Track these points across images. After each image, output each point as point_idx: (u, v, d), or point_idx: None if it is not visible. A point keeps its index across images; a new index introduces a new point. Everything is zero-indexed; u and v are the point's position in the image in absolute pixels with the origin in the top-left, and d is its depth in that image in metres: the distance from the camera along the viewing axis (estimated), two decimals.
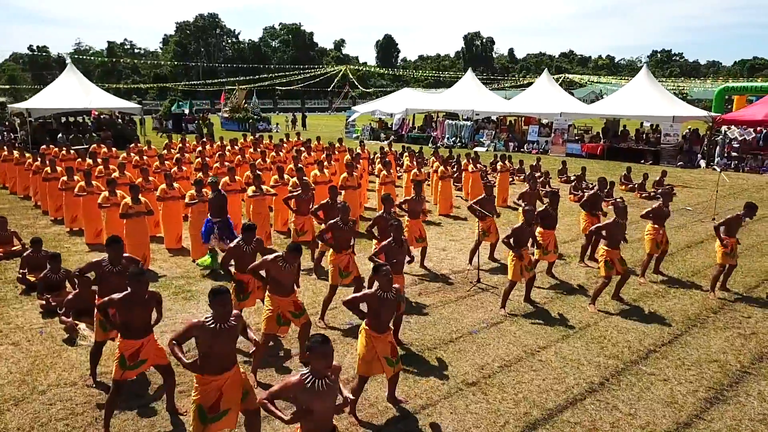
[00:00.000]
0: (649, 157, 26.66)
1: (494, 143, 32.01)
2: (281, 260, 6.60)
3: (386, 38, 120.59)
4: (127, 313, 5.52)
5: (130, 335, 5.57)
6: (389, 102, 38.68)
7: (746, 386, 6.61)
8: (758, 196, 18.94)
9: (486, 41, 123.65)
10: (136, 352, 5.58)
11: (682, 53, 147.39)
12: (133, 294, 5.47)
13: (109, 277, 6.36)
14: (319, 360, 3.98)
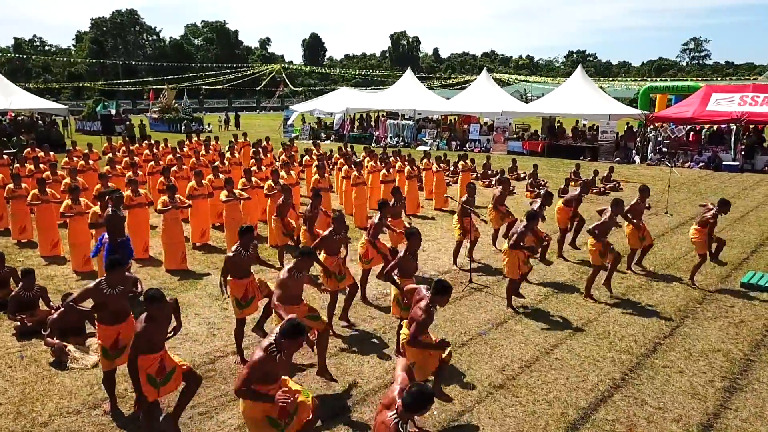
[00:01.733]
0: (587, 153, 27.69)
1: (437, 142, 32.31)
2: (295, 271, 6.31)
3: (313, 37, 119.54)
4: (154, 334, 5.11)
5: (149, 351, 5.18)
6: (328, 101, 38.27)
7: (755, 374, 6.90)
8: (696, 189, 20.06)
9: (412, 41, 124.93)
10: (160, 366, 5.18)
11: (595, 54, 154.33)
12: (154, 317, 5.13)
13: (108, 300, 5.83)
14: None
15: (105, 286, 5.79)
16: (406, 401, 3.73)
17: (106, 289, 5.79)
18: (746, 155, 24.34)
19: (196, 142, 22.03)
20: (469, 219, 10.80)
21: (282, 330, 4.56)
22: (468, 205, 10.55)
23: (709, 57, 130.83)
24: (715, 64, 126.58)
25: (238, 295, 7.02)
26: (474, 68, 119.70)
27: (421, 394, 3.74)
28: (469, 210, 10.46)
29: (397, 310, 7.21)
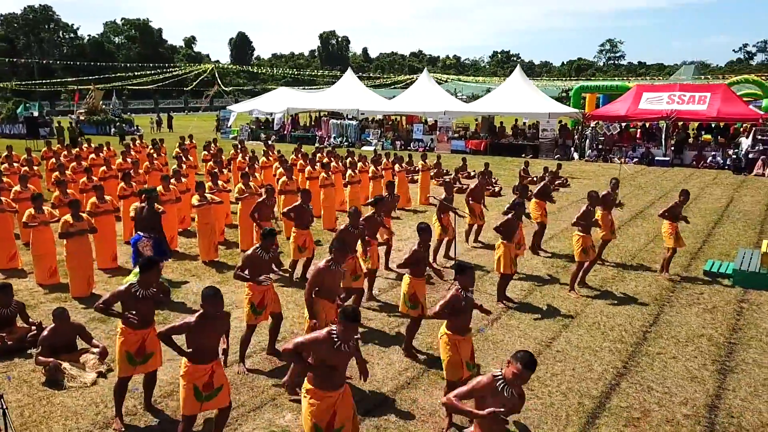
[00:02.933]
0: (528, 151, 28.59)
1: (381, 142, 32.46)
2: (332, 263, 6.23)
3: (240, 35, 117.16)
4: (200, 337, 4.94)
5: (200, 360, 4.99)
6: (268, 101, 37.68)
7: (740, 355, 7.39)
8: (636, 183, 21.15)
9: (341, 40, 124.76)
10: (209, 379, 4.99)
11: (518, 54, 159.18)
12: (208, 315, 4.96)
13: (138, 303, 5.61)
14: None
15: (137, 287, 5.55)
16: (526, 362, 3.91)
17: (138, 290, 5.55)
18: (676, 150, 25.86)
19: (140, 145, 21.24)
20: (447, 216, 10.99)
21: (339, 314, 4.54)
22: (447, 202, 10.72)
23: (623, 57, 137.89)
24: (629, 64, 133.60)
25: (255, 300, 6.86)
26: (403, 68, 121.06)
27: (527, 355, 3.97)
28: (448, 207, 10.64)
29: (405, 307, 7.27)
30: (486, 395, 4.03)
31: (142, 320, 5.69)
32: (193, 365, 5.01)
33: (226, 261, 11.37)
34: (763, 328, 8.23)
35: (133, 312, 5.56)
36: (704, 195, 18.64)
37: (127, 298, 5.59)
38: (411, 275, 7.22)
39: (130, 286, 5.63)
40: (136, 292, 5.60)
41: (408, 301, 7.16)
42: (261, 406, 6.17)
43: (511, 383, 3.98)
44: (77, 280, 9.30)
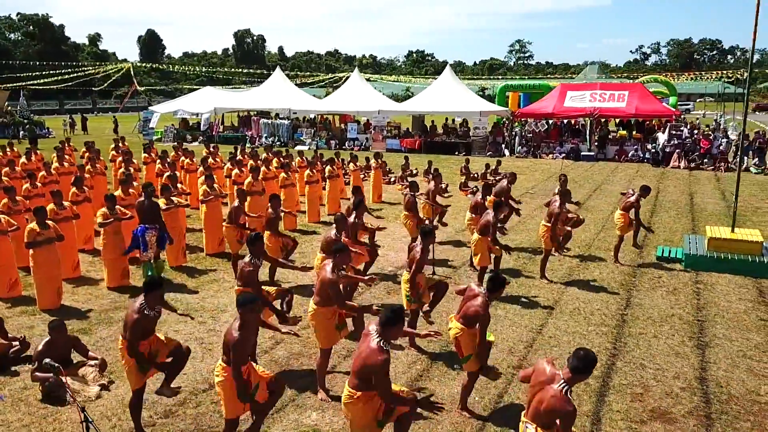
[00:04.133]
0: (461, 148, 29.41)
1: (315, 141, 32.32)
2: (335, 269, 6.28)
3: (149, 33, 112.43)
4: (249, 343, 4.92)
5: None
6: (193, 101, 36.55)
7: (711, 331, 8.08)
8: (570, 177, 22.24)
9: (257, 39, 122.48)
10: (247, 378, 4.96)
11: (433, 54, 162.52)
12: (248, 323, 4.91)
13: (145, 321, 5.45)
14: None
15: (147, 309, 5.38)
16: (577, 366, 4.07)
17: (148, 311, 5.38)
18: (599, 146, 27.44)
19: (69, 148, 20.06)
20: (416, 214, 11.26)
21: (380, 319, 4.59)
22: (417, 199, 11.01)
23: (532, 57, 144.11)
24: (537, 64, 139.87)
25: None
26: (320, 66, 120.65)
27: (588, 356, 4.17)
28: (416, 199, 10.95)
29: (407, 304, 7.42)
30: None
31: (146, 333, 5.54)
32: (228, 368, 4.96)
33: (195, 265, 11.07)
34: (722, 306, 9.02)
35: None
36: (634, 187, 19.92)
37: (145, 323, 5.44)
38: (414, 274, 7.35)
39: (140, 306, 5.43)
40: (147, 314, 5.44)
41: (410, 300, 7.29)
42: (283, 408, 6.14)
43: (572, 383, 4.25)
44: (46, 291, 8.78)
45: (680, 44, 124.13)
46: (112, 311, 8.79)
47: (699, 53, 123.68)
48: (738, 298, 9.32)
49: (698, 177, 22.22)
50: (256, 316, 5.07)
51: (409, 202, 11.37)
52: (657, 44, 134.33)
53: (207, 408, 6.18)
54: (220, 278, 10.37)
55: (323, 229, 13.88)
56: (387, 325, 4.56)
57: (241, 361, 4.80)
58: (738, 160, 13.65)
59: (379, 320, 4.61)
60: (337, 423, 5.91)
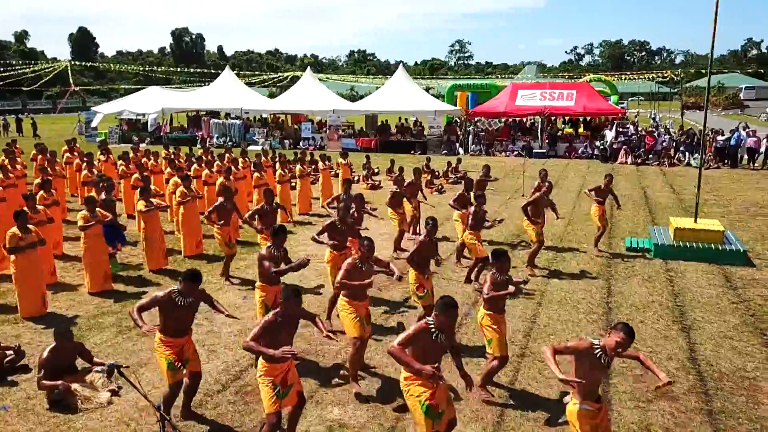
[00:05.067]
0: (417, 147, 29.74)
1: (269, 141, 31.97)
2: (359, 261, 6.36)
3: (81, 31, 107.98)
4: (277, 336, 4.93)
5: (275, 359, 4.95)
6: (139, 101, 35.43)
7: (691, 315, 8.59)
8: (528, 174, 22.88)
9: (196, 38, 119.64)
10: (284, 376, 4.99)
11: (374, 53, 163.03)
12: (286, 315, 4.99)
13: (177, 311, 5.47)
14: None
15: (177, 295, 5.34)
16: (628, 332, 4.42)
17: (178, 298, 5.34)
18: (550, 143, 28.34)
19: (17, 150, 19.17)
20: (402, 208, 11.43)
21: (436, 306, 4.72)
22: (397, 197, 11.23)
23: (472, 58, 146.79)
24: (477, 64, 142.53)
25: (268, 302, 6.76)
26: (261, 66, 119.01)
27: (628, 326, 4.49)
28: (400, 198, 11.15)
29: (415, 298, 7.57)
30: (583, 357, 4.52)
31: (179, 328, 5.53)
32: (270, 364, 4.98)
33: (176, 268, 10.85)
34: (696, 291, 9.59)
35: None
36: (588, 183, 20.67)
37: (166, 305, 5.41)
38: (415, 269, 7.48)
39: (170, 292, 5.43)
40: (176, 299, 5.42)
41: (417, 293, 7.44)
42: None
43: (612, 352, 4.47)
44: (29, 298, 8.43)
45: (612, 45, 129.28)
46: (101, 316, 8.54)
47: (629, 54, 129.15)
48: (708, 284, 9.93)
49: (645, 172, 23.32)
50: (298, 309, 5.09)
51: (394, 197, 11.52)
52: (590, 45, 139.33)
53: (226, 408, 6.13)
54: (205, 280, 10.18)
55: (298, 228, 13.85)
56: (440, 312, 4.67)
57: (261, 342, 4.85)
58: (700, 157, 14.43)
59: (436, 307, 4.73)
60: (361, 416, 5.99)
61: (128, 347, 7.56)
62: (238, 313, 8.41)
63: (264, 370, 4.99)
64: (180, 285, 5.49)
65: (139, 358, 7.24)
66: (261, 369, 5.02)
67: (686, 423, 5.87)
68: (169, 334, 5.53)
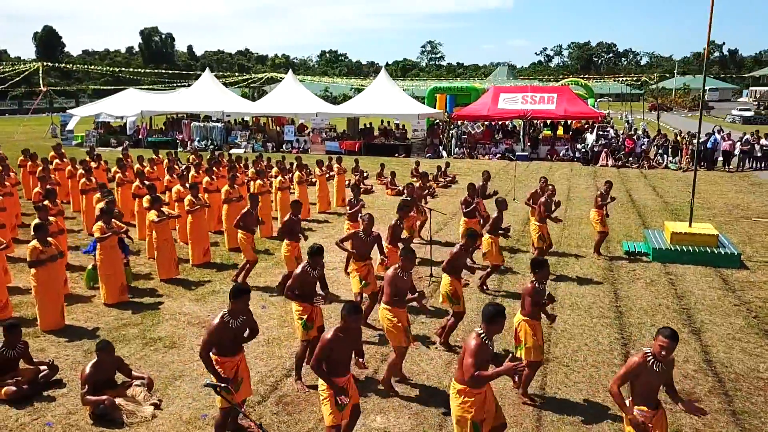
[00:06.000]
0: (401, 150, 29.97)
1: (251, 144, 31.83)
2: (400, 270, 6.53)
3: (47, 30, 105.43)
4: (340, 351, 5.11)
5: (338, 373, 5.13)
6: (116, 104, 34.89)
7: (698, 317, 8.97)
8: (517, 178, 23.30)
9: (166, 37, 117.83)
10: (345, 390, 5.12)
11: (346, 54, 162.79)
12: (348, 330, 5.15)
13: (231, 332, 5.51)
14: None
15: (229, 317, 5.40)
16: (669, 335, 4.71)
17: (230, 321, 5.40)
18: (532, 146, 28.86)
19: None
20: (411, 217, 11.62)
21: (484, 316, 4.89)
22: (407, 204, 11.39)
23: (443, 58, 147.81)
24: (448, 64, 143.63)
25: (305, 316, 6.86)
26: (232, 66, 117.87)
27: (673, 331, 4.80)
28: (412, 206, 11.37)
29: (448, 303, 7.77)
30: (640, 372, 4.77)
31: (234, 347, 5.58)
32: (336, 378, 5.12)
33: (187, 277, 10.85)
34: (698, 294, 9.99)
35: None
36: (574, 186, 21.23)
37: (224, 332, 5.43)
38: (450, 275, 7.70)
39: (221, 318, 5.45)
40: (228, 323, 5.46)
41: (452, 299, 7.66)
42: None
43: (660, 356, 4.74)
44: (49, 311, 8.38)
45: (580, 47, 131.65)
46: (122, 328, 8.52)
47: (597, 56, 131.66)
48: (708, 287, 10.35)
49: (627, 174, 23.95)
50: (358, 325, 5.23)
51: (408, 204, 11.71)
52: (559, 47, 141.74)
53: (270, 419, 6.24)
54: (219, 289, 10.24)
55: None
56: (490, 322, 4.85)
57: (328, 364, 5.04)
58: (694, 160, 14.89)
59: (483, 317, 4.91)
60: (404, 423, 6.17)
61: (158, 359, 7.59)
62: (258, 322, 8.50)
63: (325, 386, 5.12)
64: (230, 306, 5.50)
65: (171, 371, 7.28)
66: (322, 385, 5.15)
67: (713, 424, 6.20)
68: (226, 353, 5.51)
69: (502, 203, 10.15)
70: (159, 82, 77.96)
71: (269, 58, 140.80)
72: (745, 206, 17.38)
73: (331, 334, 5.10)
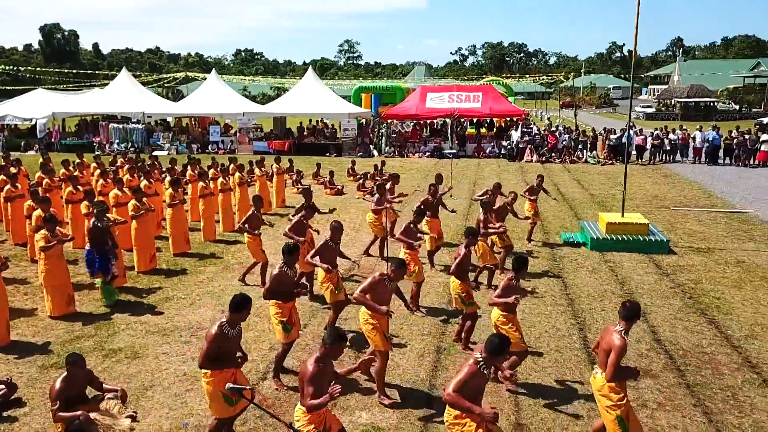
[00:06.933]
0: (332, 150, 29.94)
1: (175, 146, 30.78)
2: (386, 279, 6.57)
3: None
4: (323, 382, 4.77)
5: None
6: (24, 105, 32.75)
7: (641, 301, 9.53)
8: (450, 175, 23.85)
9: (69, 34, 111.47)
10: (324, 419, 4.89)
11: (262, 52, 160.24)
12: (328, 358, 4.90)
13: (228, 342, 5.46)
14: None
15: (227, 327, 5.30)
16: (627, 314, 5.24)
17: (228, 330, 5.31)
18: (460, 144, 29.62)
19: None
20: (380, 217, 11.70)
21: (488, 346, 4.74)
22: (379, 204, 11.49)
23: (361, 57, 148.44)
24: (366, 64, 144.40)
25: (284, 318, 6.81)
26: (142, 65, 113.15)
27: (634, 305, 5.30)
28: (386, 207, 11.43)
29: (462, 305, 7.86)
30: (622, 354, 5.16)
31: (230, 357, 5.50)
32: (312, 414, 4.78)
33: (134, 285, 10.45)
34: (637, 279, 10.70)
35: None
36: (504, 182, 21.89)
37: (223, 341, 5.34)
38: (458, 278, 7.81)
39: (220, 327, 5.36)
40: (227, 333, 5.38)
41: (465, 300, 7.77)
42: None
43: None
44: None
45: (493, 47, 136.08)
46: (76, 341, 8.13)
47: (509, 55, 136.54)
48: (644, 272, 11.10)
49: (551, 169, 25.06)
50: (341, 353, 4.96)
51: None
52: (473, 46, 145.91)
53: (255, 423, 6.18)
54: (172, 296, 9.94)
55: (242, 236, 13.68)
56: (494, 353, 4.74)
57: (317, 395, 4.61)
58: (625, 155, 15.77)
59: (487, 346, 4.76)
60: (390, 418, 6.27)
61: (123, 371, 7.30)
62: None
63: (307, 419, 4.78)
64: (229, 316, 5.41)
65: (140, 382, 7.03)
66: (303, 418, 4.79)
67: (673, 397, 6.70)
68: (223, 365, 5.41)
69: (486, 204, 10.44)
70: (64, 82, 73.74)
71: (182, 56, 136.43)
72: (663, 196, 18.68)
73: (312, 366, 4.70)
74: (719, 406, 6.52)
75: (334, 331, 4.90)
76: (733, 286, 10.33)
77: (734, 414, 6.38)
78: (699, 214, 16.13)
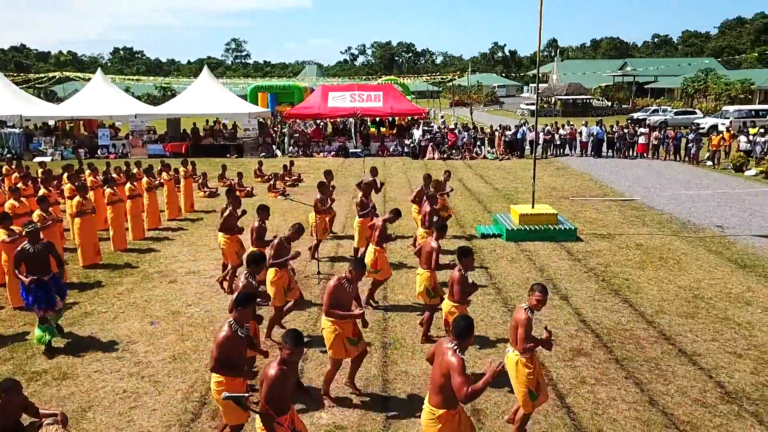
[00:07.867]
0: (233, 151, 29.15)
1: (60, 151, 28.64)
2: (345, 281, 6.52)
3: None
4: (285, 386, 4.67)
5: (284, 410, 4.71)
6: None
7: (563, 287, 10.23)
8: (353, 173, 24.02)
9: None
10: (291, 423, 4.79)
11: (143, 51, 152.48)
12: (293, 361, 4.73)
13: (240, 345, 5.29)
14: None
15: (236, 326, 5.11)
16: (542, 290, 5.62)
17: (238, 330, 5.13)
18: (364, 143, 29.87)
19: None
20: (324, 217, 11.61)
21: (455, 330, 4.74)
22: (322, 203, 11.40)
23: (249, 56, 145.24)
24: (255, 63, 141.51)
25: None
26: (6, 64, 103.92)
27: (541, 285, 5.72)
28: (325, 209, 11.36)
29: (426, 298, 8.12)
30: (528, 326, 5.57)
31: (240, 361, 5.33)
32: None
33: None
34: (553, 266, 11.39)
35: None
36: (411, 179, 22.49)
37: (234, 343, 5.16)
38: (430, 271, 7.98)
39: (230, 327, 5.17)
40: (236, 332, 5.18)
41: (430, 293, 7.91)
42: None
43: (538, 308, 5.64)
44: None
45: (382, 46, 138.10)
46: None
47: (398, 55, 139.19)
48: (559, 259, 11.84)
49: (453, 165, 25.85)
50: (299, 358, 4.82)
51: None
52: (363, 46, 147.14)
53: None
54: (92, 310, 9.33)
55: (154, 244, 13.09)
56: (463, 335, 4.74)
57: (275, 403, 4.51)
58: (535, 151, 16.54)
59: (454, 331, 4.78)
60: (351, 416, 6.30)
61: (54, 393, 6.78)
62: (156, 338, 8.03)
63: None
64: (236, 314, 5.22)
65: (77, 403, 6.57)
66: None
67: (607, 372, 7.25)
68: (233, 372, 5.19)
69: (432, 197, 10.62)
70: None
71: (52, 55, 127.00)
72: (560, 188, 19.94)
73: (275, 370, 4.53)
74: (647, 377, 7.14)
75: (294, 333, 4.68)
76: (637, 267, 11.27)
77: (660, 382, 7.01)
78: (595, 203, 17.39)
